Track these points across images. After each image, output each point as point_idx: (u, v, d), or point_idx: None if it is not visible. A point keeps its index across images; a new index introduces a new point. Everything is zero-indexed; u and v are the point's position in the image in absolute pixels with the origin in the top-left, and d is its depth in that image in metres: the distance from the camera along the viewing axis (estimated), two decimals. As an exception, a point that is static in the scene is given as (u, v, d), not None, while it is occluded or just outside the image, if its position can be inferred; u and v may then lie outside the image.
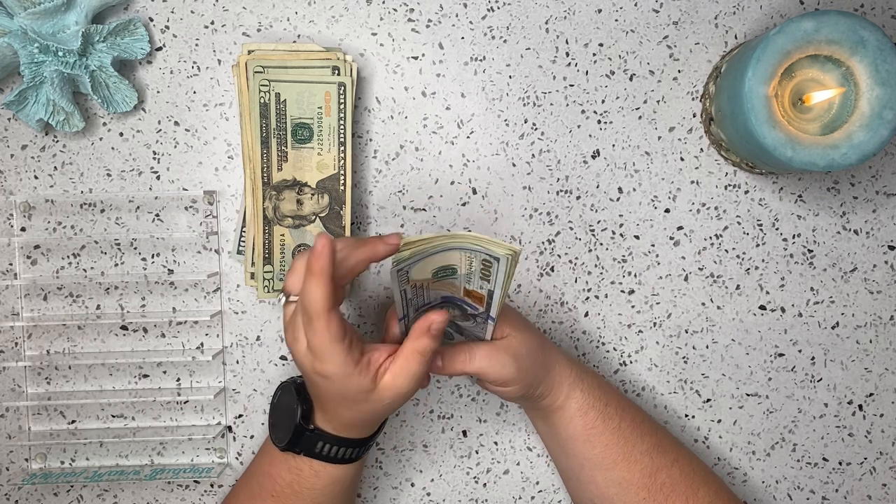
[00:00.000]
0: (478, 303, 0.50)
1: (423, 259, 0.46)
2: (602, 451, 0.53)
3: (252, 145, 0.55)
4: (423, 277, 0.48)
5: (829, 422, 0.62)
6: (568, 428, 0.53)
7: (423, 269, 0.47)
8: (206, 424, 0.61)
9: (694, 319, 0.61)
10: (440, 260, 0.47)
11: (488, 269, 0.46)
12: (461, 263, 0.47)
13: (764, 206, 0.60)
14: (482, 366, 0.50)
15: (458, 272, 0.48)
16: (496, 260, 0.45)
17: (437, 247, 0.45)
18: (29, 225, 0.60)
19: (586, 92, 0.59)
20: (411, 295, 0.49)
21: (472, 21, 0.59)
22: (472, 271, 0.47)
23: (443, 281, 0.49)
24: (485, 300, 0.49)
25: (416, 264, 0.46)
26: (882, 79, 0.50)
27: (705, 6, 0.59)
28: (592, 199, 0.60)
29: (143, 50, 0.57)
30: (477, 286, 0.48)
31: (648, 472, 0.53)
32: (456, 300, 0.51)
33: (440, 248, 0.45)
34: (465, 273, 0.48)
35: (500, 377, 0.50)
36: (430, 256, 0.46)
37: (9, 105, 0.56)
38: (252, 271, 0.57)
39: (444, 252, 0.46)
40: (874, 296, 0.61)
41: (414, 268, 0.47)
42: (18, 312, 0.60)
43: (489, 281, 0.47)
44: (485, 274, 0.47)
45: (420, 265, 0.46)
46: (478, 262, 0.46)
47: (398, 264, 0.45)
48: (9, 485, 0.61)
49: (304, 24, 0.59)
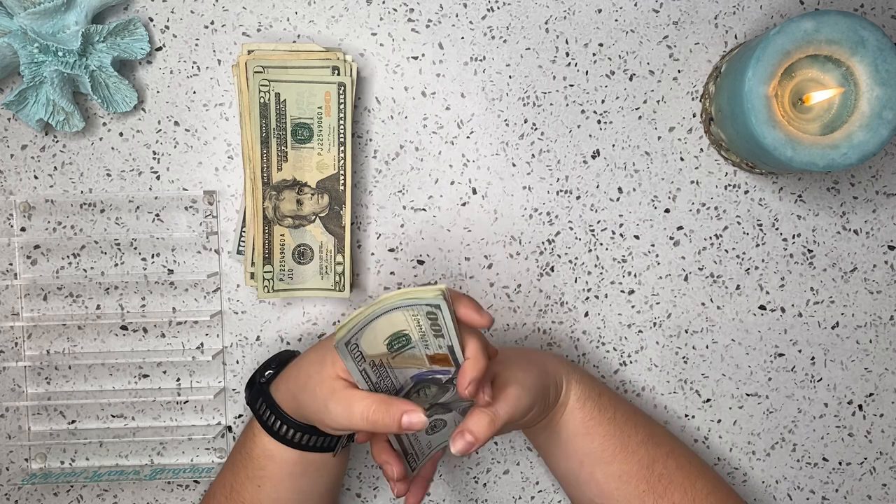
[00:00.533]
0: (446, 365, 0.48)
1: (365, 326, 0.45)
2: (601, 443, 0.53)
3: (252, 145, 0.55)
4: (379, 352, 0.46)
5: (829, 422, 0.62)
6: (569, 423, 0.53)
7: (374, 340, 0.46)
8: (206, 424, 0.61)
9: (694, 319, 0.61)
10: (387, 326, 0.45)
11: (436, 321, 0.45)
12: (410, 327, 0.45)
13: (764, 206, 0.60)
14: (508, 411, 0.48)
15: (412, 339, 0.46)
16: (437, 308, 0.44)
17: (372, 313, 0.44)
18: (29, 225, 0.60)
19: (586, 92, 0.59)
20: (376, 378, 0.48)
21: (472, 21, 0.59)
22: (425, 332, 0.46)
23: (403, 355, 0.47)
24: (449, 358, 0.47)
25: (360, 334, 0.45)
26: (882, 79, 0.50)
27: (705, 6, 0.59)
28: (592, 199, 0.60)
29: (143, 50, 0.57)
30: (436, 348, 0.46)
31: (646, 464, 0.53)
32: (426, 375, 0.49)
33: (376, 313, 0.44)
34: (419, 338, 0.46)
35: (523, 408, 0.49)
36: (373, 322, 0.44)
37: (9, 105, 0.56)
38: (252, 271, 0.57)
39: (385, 315, 0.44)
40: (874, 296, 0.61)
41: (362, 339, 0.45)
42: (18, 312, 0.60)
43: (443, 336, 0.45)
44: (436, 330, 0.45)
45: (367, 335, 0.45)
46: (423, 318, 0.45)
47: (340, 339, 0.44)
48: (9, 485, 0.61)
49: (304, 24, 0.59)
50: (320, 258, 0.57)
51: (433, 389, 0.50)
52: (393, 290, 0.60)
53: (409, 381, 0.49)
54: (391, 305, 0.44)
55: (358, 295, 0.60)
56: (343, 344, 0.45)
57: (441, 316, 0.44)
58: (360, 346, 0.46)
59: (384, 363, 0.47)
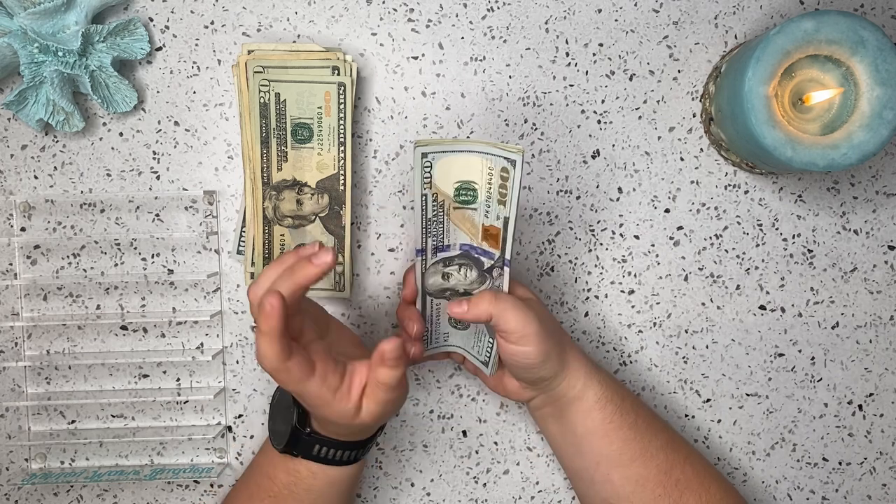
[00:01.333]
0: (493, 245, 0.49)
1: (447, 155, 0.46)
2: (620, 447, 0.52)
3: (252, 145, 0.56)
4: (446, 191, 0.48)
5: (829, 422, 0.62)
6: (586, 422, 0.53)
7: (446, 174, 0.47)
8: (206, 424, 0.61)
9: (694, 319, 0.61)
10: (462, 168, 0.47)
11: (505, 184, 0.46)
12: (482, 181, 0.47)
13: (764, 206, 0.60)
14: (505, 307, 0.48)
15: (478, 198, 0.48)
16: (512, 165, 0.45)
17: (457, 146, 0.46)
18: (29, 225, 0.60)
19: (586, 92, 0.59)
20: (431, 213, 0.49)
21: (472, 21, 0.59)
22: (491, 193, 0.47)
23: (464, 212, 0.49)
24: (500, 237, 0.48)
25: (439, 158, 0.46)
26: (882, 79, 0.50)
27: (705, 6, 0.59)
28: (592, 199, 0.60)
29: (143, 50, 0.57)
30: (494, 217, 0.48)
31: (664, 469, 0.52)
32: (475, 250, 0.51)
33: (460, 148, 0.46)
34: (484, 199, 0.48)
35: (522, 327, 0.48)
36: (453, 155, 0.46)
37: (9, 105, 0.56)
38: (252, 271, 0.57)
39: (466, 155, 0.47)
40: (874, 296, 0.61)
41: (437, 164, 0.46)
42: (18, 312, 0.60)
43: (505, 203, 0.47)
44: (502, 194, 0.47)
45: (443, 164, 0.47)
46: (497, 174, 0.46)
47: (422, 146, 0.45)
48: (9, 485, 0.61)
49: (304, 24, 0.59)
50: (320, 258, 0.57)
51: (473, 274, 0.51)
52: (394, 289, 0.60)
53: (457, 246, 0.51)
54: (475, 147, 0.46)
55: (358, 295, 0.60)
56: (421, 152, 0.45)
57: (512, 176, 0.46)
58: (433, 169, 0.47)
59: (445, 209, 0.49)
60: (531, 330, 0.49)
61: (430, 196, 0.49)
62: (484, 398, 0.61)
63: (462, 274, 0.52)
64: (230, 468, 0.61)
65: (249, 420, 0.61)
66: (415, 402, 0.61)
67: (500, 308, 0.48)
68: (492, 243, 0.50)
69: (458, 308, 0.49)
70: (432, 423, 0.62)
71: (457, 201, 0.49)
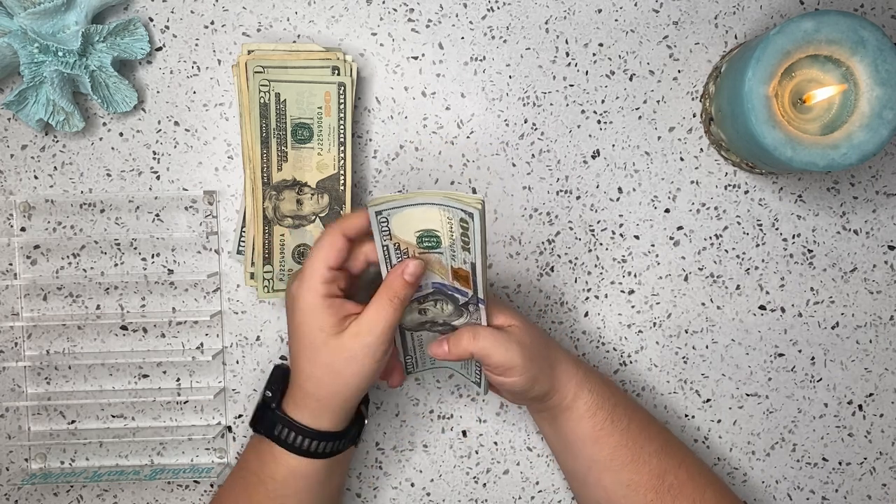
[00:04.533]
0: (465, 285, 0.49)
1: (402, 209, 0.46)
2: (611, 453, 0.52)
3: (252, 145, 0.56)
4: (407, 240, 0.48)
5: (829, 422, 0.62)
6: (577, 429, 0.53)
7: (405, 225, 0.47)
8: (206, 424, 0.61)
9: (694, 319, 0.61)
10: (421, 218, 0.46)
11: (466, 232, 0.46)
12: (443, 230, 0.46)
13: (764, 206, 0.60)
14: (485, 345, 0.49)
15: (442, 243, 0.47)
16: (471, 217, 0.44)
17: (411, 199, 0.45)
18: (29, 225, 0.60)
19: (586, 92, 0.59)
20: (396, 260, 0.49)
21: (472, 21, 0.59)
22: (454, 240, 0.47)
23: (429, 254, 0.48)
24: (469, 279, 0.48)
25: (395, 213, 0.46)
26: (882, 79, 0.50)
27: (705, 6, 0.59)
28: (592, 199, 0.60)
29: (143, 50, 0.57)
30: (461, 261, 0.48)
31: (657, 474, 0.52)
32: (447, 288, 0.50)
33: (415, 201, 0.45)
34: (448, 245, 0.47)
35: (505, 361, 0.49)
36: (409, 208, 0.46)
37: (9, 105, 0.56)
38: (252, 271, 0.57)
39: (423, 207, 0.46)
40: (874, 296, 0.61)
41: (393, 218, 0.46)
42: (18, 312, 0.60)
43: (469, 250, 0.46)
44: (465, 241, 0.46)
45: (400, 218, 0.46)
46: (457, 224, 0.46)
47: (375, 204, 0.45)
48: (9, 485, 0.61)
49: (304, 24, 0.59)
50: (320, 258, 0.57)
51: (449, 308, 0.51)
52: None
53: (429, 285, 0.51)
54: (430, 199, 0.45)
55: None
56: (374, 211, 0.46)
57: (472, 227, 0.45)
58: (390, 224, 0.47)
59: (408, 252, 0.49)
60: (515, 363, 0.49)
61: (392, 246, 0.48)
62: (484, 398, 0.61)
63: (439, 308, 0.52)
64: (230, 468, 0.61)
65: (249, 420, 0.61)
66: (415, 403, 0.61)
67: (480, 346, 0.49)
68: (463, 283, 0.49)
69: (440, 349, 0.51)
70: (432, 423, 0.62)
71: (421, 247, 0.48)
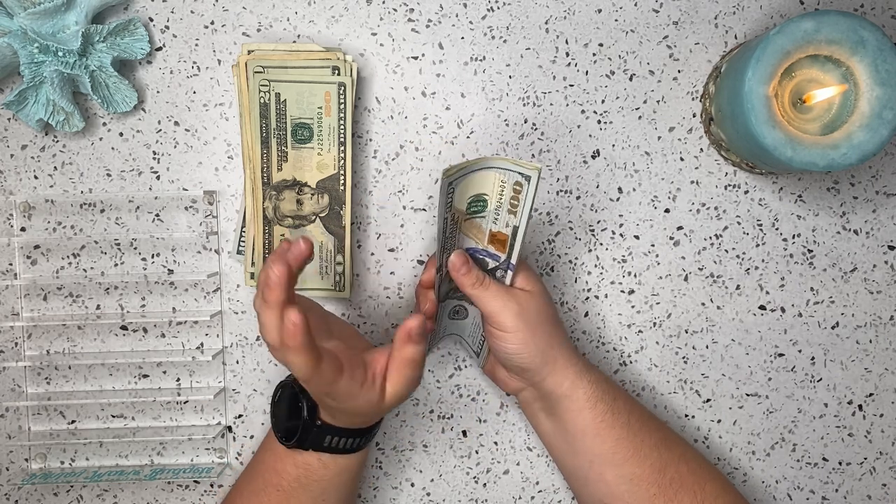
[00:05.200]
0: (500, 249, 0.51)
1: (468, 175, 0.48)
2: (613, 446, 0.52)
3: (252, 145, 0.56)
4: (460, 208, 0.50)
5: (829, 422, 0.62)
6: (577, 421, 0.53)
7: (464, 193, 0.49)
8: (206, 424, 0.61)
9: (694, 319, 0.61)
10: (478, 183, 0.49)
11: (517, 196, 0.48)
12: (493, 193, 0.49)
13: (764, 206, 0.60)
14: (485, 295, 0.51)
15: (487, 207, 0.50)
16: (527, 181, 0.47)
17: (477, 164, 0.48)
18: (29, 225, 0.60)
19: (586, 92, 0.59)
20: (449, 233, 0.51)
21: (472, 21, 0.59)
22: (501, 204, 0.49)
23: (473, 221, 0.51)
24: (507, 243, 0.50)
25: (461, 181, 0.48)
26: (882, 79, 0.50)
27: (705, 6, 0.59)
28: (592, 199, 0.60)
29: (143, 50, 0.57)
30: (503, 224, 0.50)
31: (658, 468, 0.52)
32: (479, 252, 0.52)
33: (480, 165, 0.48)
34: (493, 208, 0.50)
35: (497, 315, 0.51)
36: (473, 174, 0.48)
37: (9, 105, 0.56)
38: (252, 271, 0.57)
39: (483, 171, 0.48)
40: (874, 296, 0.61)
41: (458, 187, 0.48)
42: (18, 312, 0.60)
43: (516, 213, 0.49)
44: (513, 205, 0.49)
45: (463, 185, 0.49)
46: (509, 188, 0.48)
47: (449, 175, 0.47)
48: (9, 485, 0.61)
49: (304, 24, 0.59)
50: (320, 258, 0.57)
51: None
52: (394, 289, 0.60)
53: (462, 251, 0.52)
54: (492, 163, 0.48)
55: (358, 295, 0.60)
56: (447, 181, 0.47)
57: (525, 191, 0.48)
58: (455, 193, 0.49)
59: (458, 222, 0.51)
60: (507, 321, 0.51)
61: (450, 217, 0.50)
62: (484, 398, 0.61)
63: None
64: (230, 468, 0.61)
65: (249, 420, 0.61)
66: (415, 403, 0.61)
67: (479, 291, 0.51)
68: (498, 247, 0.51)
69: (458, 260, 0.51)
70: (432, 423, 0.62)
71: (468, 213, 0.51)
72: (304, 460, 0.52)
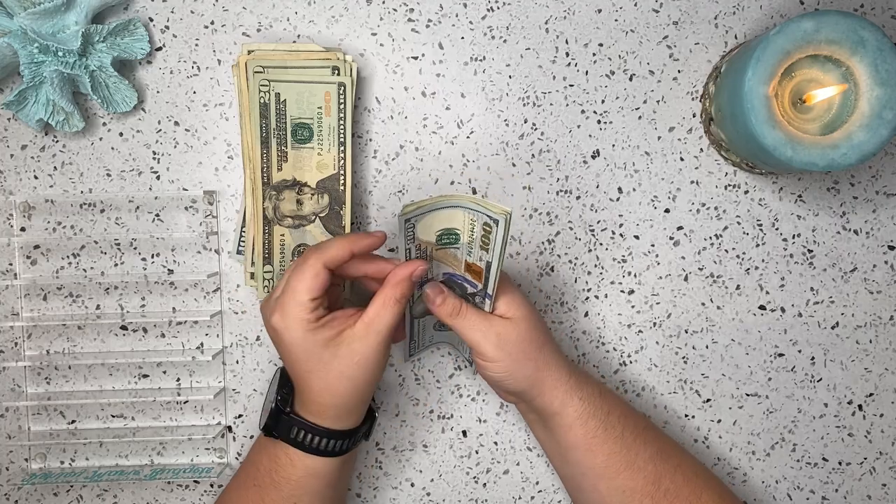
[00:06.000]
0: (476, 278, 0.50)
1: (428, 213, 0.47)
2: (605, 461, 0.52)
3: (252, 145, 0.56)
4: (428, 240, 0.49)
5: (829, 422, 0.62)
6: (568, 436, 0.53)
7: (429, 227, 0.49)
8: (206, 424, 0.61)
9: (694, 319, 0.61)
10: (445, 219, 0.48)
11: (488, 235, 0.47)
12: (464, 228, 0.48)
13: (764, 206, 0.60)
14: (463, 325, 0.50)
15: (460, 239, 0.49)
16: (495, 223, 0.46)
17: (439, 203, 0.47)
18: (29, 225, 0.60)
19: (586, 92, 0.59)
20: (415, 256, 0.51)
21: (472, 21, 0.59)
22: (473, 239, 0.48)
23: (446, 250, 0.50)
24: (483, 275, 0.49)
25: (421, 218, 0.48)
26: (882, 79, 0.50)
27: (705, 6, 0.59)
28: (592, 199, 0.60)
29: (143, 50, 0.57)
30: (476, 258, 0.49)
31: (652, 480, 0.52)
32: (457, 277, 0.51)
33: (443, 204, 0.47)
34: (466, 242, 0.49)
35: (480, 350, 0.50)
36: (436, 212, 0.47)
37: (9, 105, 0.56)
38: (252, 271, 0.57)
39: (449, 210, 0.47)
40: (874, 296, 0.61)
41: (420, 223, 0.48)
42: (18, 312, 0.60)
43: (488, 250, 0.48)
44: (484, 242, 0.48)
45: (426, 221, 0.48)
46: (479, 226, 0.47)
47: (405, 214, 0.46)
48: (9, 485, 0.61)
49: (304, 24, 0.59)
50: (320, 258, 0.57)
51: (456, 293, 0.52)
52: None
53: (440, 275, 0.52)
54: (458, 202, 0.47)
55: (358, 295, 0.60)
56: (404, 219, 0.47)
57: (495, 232, 0.46)
58: (416, 228, 0.48)
59: (428, 251, 0.51)
60: (486, 351, 0.50)
61: (414, 248, 0.50)
62: (484, 398, 0.61)
63: None
64: (230, 468, 0.61)
65: (249, 420, 0.61)
66: (415, 402, 0.61)
67: (457, 322, 0.51)
68: (475, 276, 0.50)
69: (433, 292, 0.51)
70: (432, 423, 0.62)
71: (439, 244, 0.50)
72: (275, 452, 0.51)
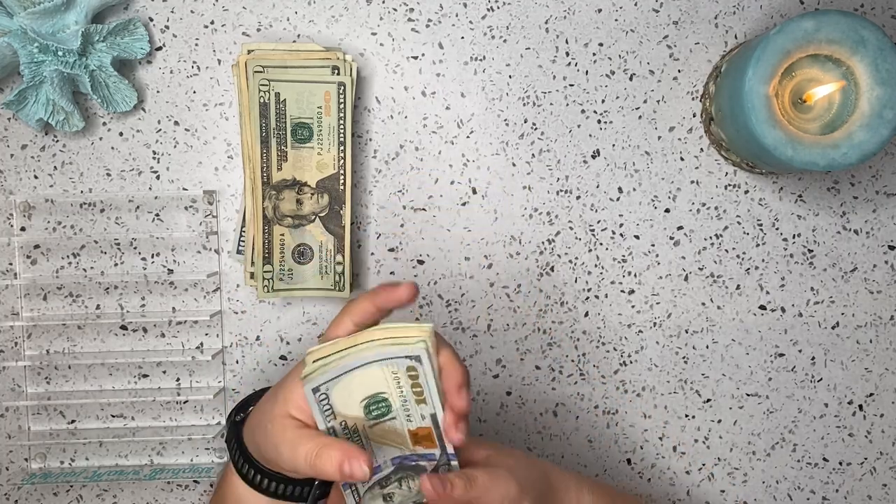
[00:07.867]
0: (429, 445, 0.43)
1: (339, 379, 0.41)
2: None
3: (252, 145, 0.56)
4: (354, 415, 0.42)
5: (830, 422, 0.62)
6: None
7: (349, 398, 0.41)
8: (206, 424, 0.61)
9: (694, 319, 0.61)
10: (363, 384, 0.41)
11: (416, 380, 0.41)
12: (390, 388, 0.41)
13: (764, 206, 0.60)
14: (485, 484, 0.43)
15: (392, 407, 0.42)
16: (418, 361, 0.40)
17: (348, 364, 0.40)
18: (29, 225, 0.60)
19: (586, 92, 0.59)
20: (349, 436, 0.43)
21: (472, 21, 0.59)
22: (406, 397, 0.42)
23: (383, 426, 0.43)
24: (433, 435, 0.43)
25: (333, 384, 0.41)
26: (882, 78, 0.50)
27: (705, 6, 0.59)
28: (592, 199, 0.60)
29: (143, 50, 0.57)
30: (418, 419, 0.42)
31: None
32: (409, 460, 0.44)
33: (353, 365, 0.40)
34: (400, 405, 0.42)
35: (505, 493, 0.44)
36: (348, 375, 0.41)
37: (9, 105, 0.56)
38: (252, 271, 0.57)
39: (362, 369, 0.41)
40: (874, 296, 0.61)
41: (334, 392, 0.41)
42: (18, 312, 0.60)
43: (426, 400, 0.42)
44: (417, 393, 0.41)
45: (341, 389, 0.41)
46: (404, 377, 0.41)
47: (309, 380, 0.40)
48: (9, 485, 0.61)
49: (304, 24, 0.59)
50: (320, 258, 0.57)
51: (417, 482, 0.44)
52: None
53: (388, 463, 0.44)
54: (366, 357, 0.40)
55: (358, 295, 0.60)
56: (311, 388, 0.40)
57: (422, 372, 0.40)
58: (331, 399, 0.41)
59: (360, 431, 0.43)
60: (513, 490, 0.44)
61: (339, 425, 0.42)
62: (484, 398, 0.61)
63: (406, 488, 0.45)
64: (230, 468, 0.61)
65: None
66: (415, 402, 0.61)
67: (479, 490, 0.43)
68: (427, 444, 0.43)
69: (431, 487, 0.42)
70: (432, 423, 0.62)
71: (370, 418, 0.42)
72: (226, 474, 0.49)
